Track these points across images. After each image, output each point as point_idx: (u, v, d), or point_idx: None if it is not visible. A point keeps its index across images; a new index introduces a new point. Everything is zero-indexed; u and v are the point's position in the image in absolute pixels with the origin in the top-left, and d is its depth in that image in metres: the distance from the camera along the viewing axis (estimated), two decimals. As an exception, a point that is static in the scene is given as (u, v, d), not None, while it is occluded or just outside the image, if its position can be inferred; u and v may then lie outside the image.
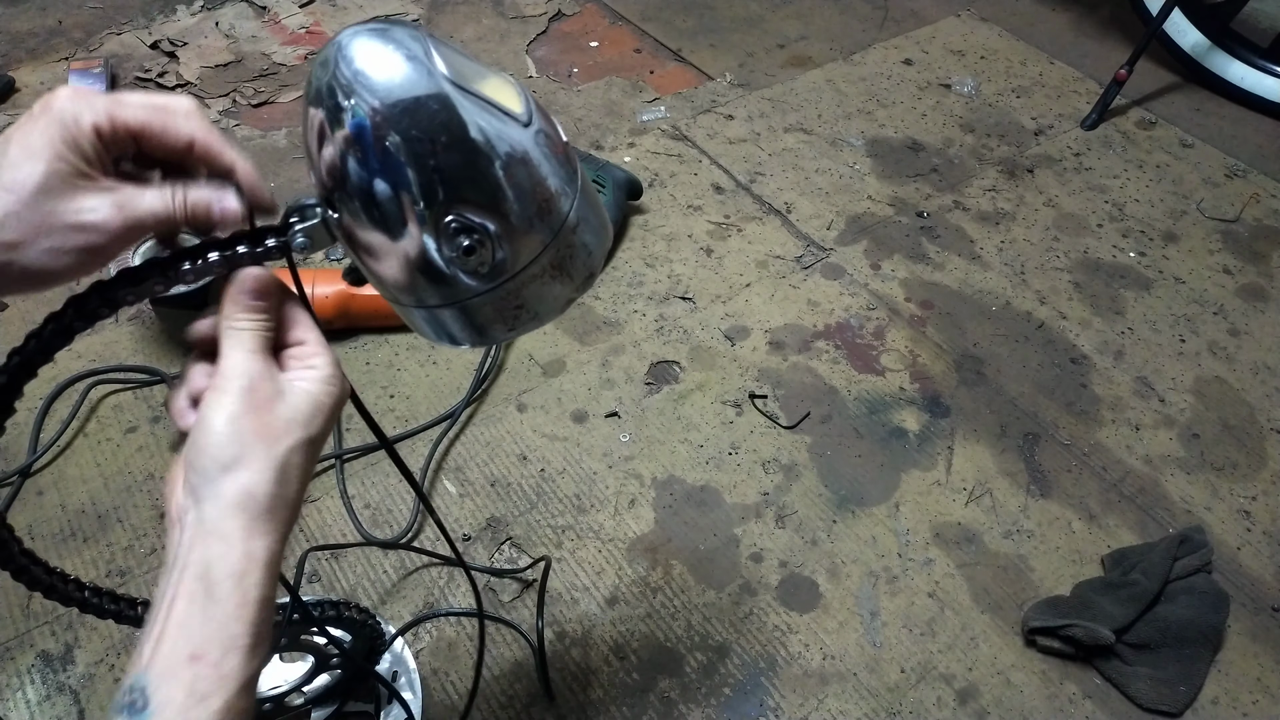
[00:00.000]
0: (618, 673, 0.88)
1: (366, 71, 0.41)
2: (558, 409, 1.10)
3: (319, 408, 0.44)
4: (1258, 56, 1.63)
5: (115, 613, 0.60)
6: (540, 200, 0.45)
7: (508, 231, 0.44)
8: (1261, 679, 0.90)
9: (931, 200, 1.43)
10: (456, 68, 0.43)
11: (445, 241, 0.43)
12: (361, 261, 0.47)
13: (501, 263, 0.45)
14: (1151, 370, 1.19)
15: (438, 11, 1.78)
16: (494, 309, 0.47)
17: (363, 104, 0.41)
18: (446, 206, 0.43)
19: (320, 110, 0.42)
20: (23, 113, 0.45)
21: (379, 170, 0.42)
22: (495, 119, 0.43)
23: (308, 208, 0.45)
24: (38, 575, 0.54)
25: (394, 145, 0.41)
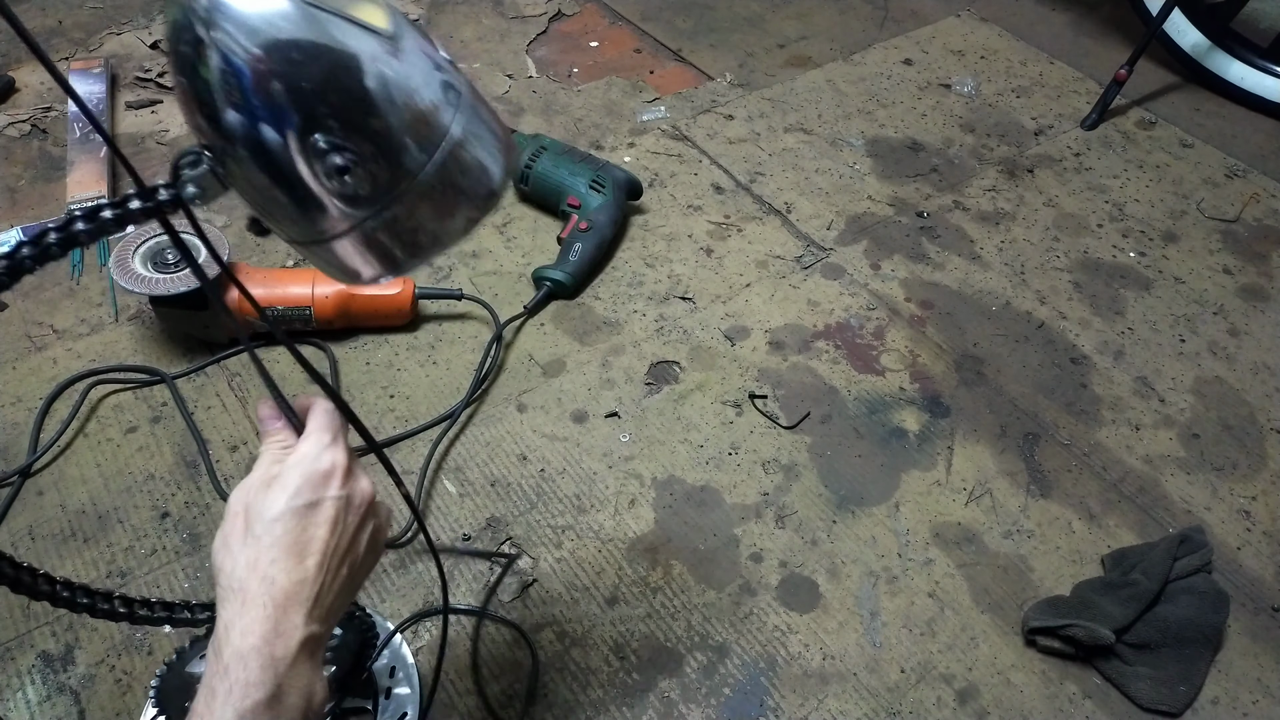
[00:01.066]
0: (618, 673, 0.88)
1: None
2: (558, 409, 1.10)
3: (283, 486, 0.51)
4: (1258, 56, 1.63)
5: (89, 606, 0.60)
6: (412, 113, 0.44)
7: (381, 148, 0.43)
8: (1262, 679, 0.90)
9: (931, 200, 1.43)
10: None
11: (318, 164, 0.43)
12: (256, 207, 0.46)
13: (381, 183, 0.44)
14: (1151, 370, 1.19)
15: (438, 11, 1.78)
16: (390, 234, 0.47)
17: (223, 32, 0.40)
18: (311, 126, 0.42)
19: (179, 47, 0.41)
20: (23, 113, 0.45)
21: (239, 100, 0.41)
22: (354, 33, 0.42)
23: (193, 154, 0.44)
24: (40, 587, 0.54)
25: (250, 69, 0.40)
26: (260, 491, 0.51)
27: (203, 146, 0.44)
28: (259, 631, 0.47)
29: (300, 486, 0.51)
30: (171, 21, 0.42)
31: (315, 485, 0.51)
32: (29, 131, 1.44)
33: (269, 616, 0.47)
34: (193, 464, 1.02)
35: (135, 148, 1.42)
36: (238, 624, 0.47)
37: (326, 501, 0.51)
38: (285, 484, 0.51)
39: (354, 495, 0.53)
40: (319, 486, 0.51)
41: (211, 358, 1.12)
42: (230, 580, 0.48)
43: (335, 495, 0.52)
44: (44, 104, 1.48)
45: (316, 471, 0.52)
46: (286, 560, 0.49)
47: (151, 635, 0.88)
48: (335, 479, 0.52)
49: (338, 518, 0.52)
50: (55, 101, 1.49)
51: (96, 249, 1.25)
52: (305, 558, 0.50)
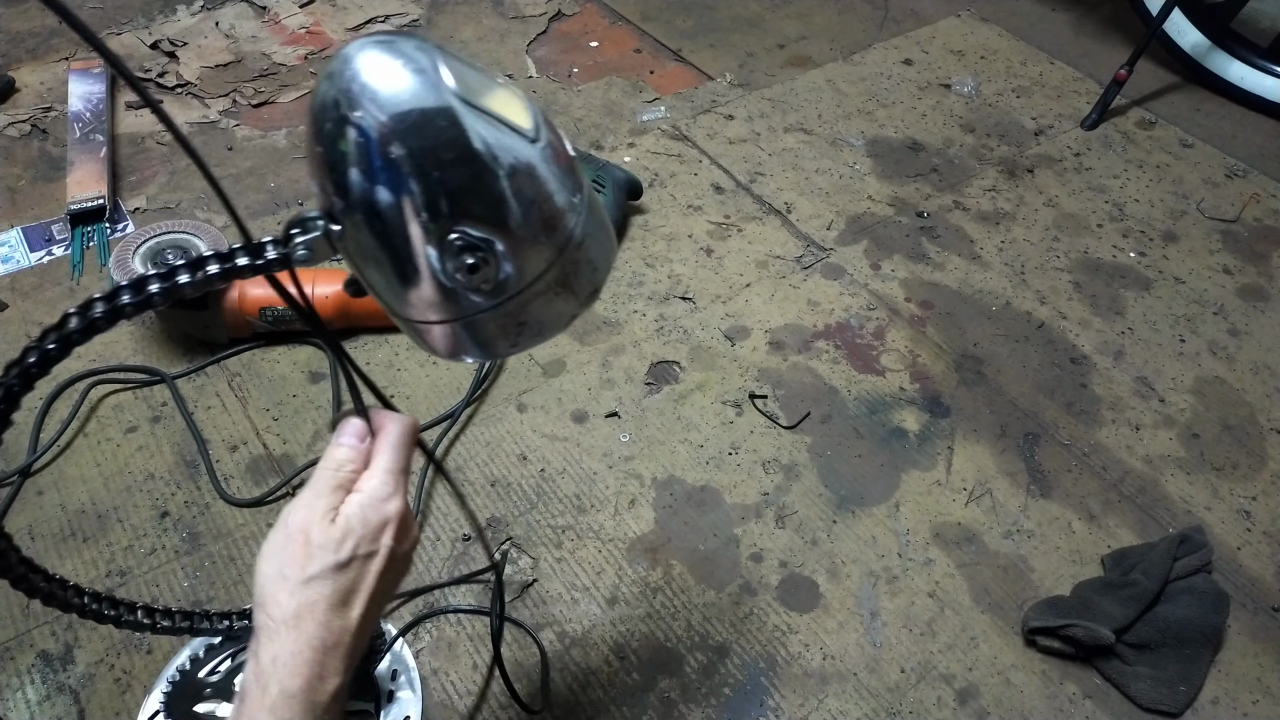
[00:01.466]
0: (618, 673, 0.88)
1: (373, 85, 0.40)
2: (558, 409, 1.10)
3: (348, 532, 0.50)
4: (1258, 56, 1.63)
5: (115, 618, 0.60)
6: (546, 217, 0.44)
7: (512, 249, 0.44)
8: (1261, 679, 0.90)
9: (931, 200, 1.43)
10: (465, 81, 0.42)
11: (449, 259, 0.43)
12: (363, 275, 0.47)
13: (506, 280, 0.44)
14: (1151, 370, 1.19)
15: (438, 11, 1.78)
16: (497, 326, 0.47)
17: (369, 117, 0.40)
18: (451, 223, 0.42)
19: (326, 122, 0.41)
20: (23, 113, 0.46)
21: (383, 184, 0.41)
22: (502, 134, 0.42)
23: (310, 220, 0.44)
24: (36, 583, 0.54)
25: (399, 159, 0.41)
26: (323, 523, 0.50)
27: (326, 212, 0.44)
28: (305, 675, 0.47)
29: (364, 536, 0.50)
30: (320, 97, 0.42)
31: (375, 534, 0.51)
32: (29, 131, 1.44)
33: (316, 661, 0.48)
34: (192, 464, 1.02)
35: (135, 148, 1.42)
36: (287, 662, 0.47)
37: (381, 552, 0.51)
38: (350, 526, 0.50)
39: (403, 542, 0.53)
40: (378, 535, 0.51)
41: (211, 358, 1.12)
42: (283, 613, 0.48)
43: (389, 546, 0.52)
44: (44, 104, 1.48)
45: (380, 520, 0.51)
46: (339, 608, 0.49)
47: (151, 636, 0.88)
48: (392, 528, 0.52)
49: (387, 569, 0.52)
50: (55, 101, 1.49)
51: (97, 249, 1.25)
52: (351, 607, 0.50)
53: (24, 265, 1.23)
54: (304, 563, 0.48)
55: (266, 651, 0.47)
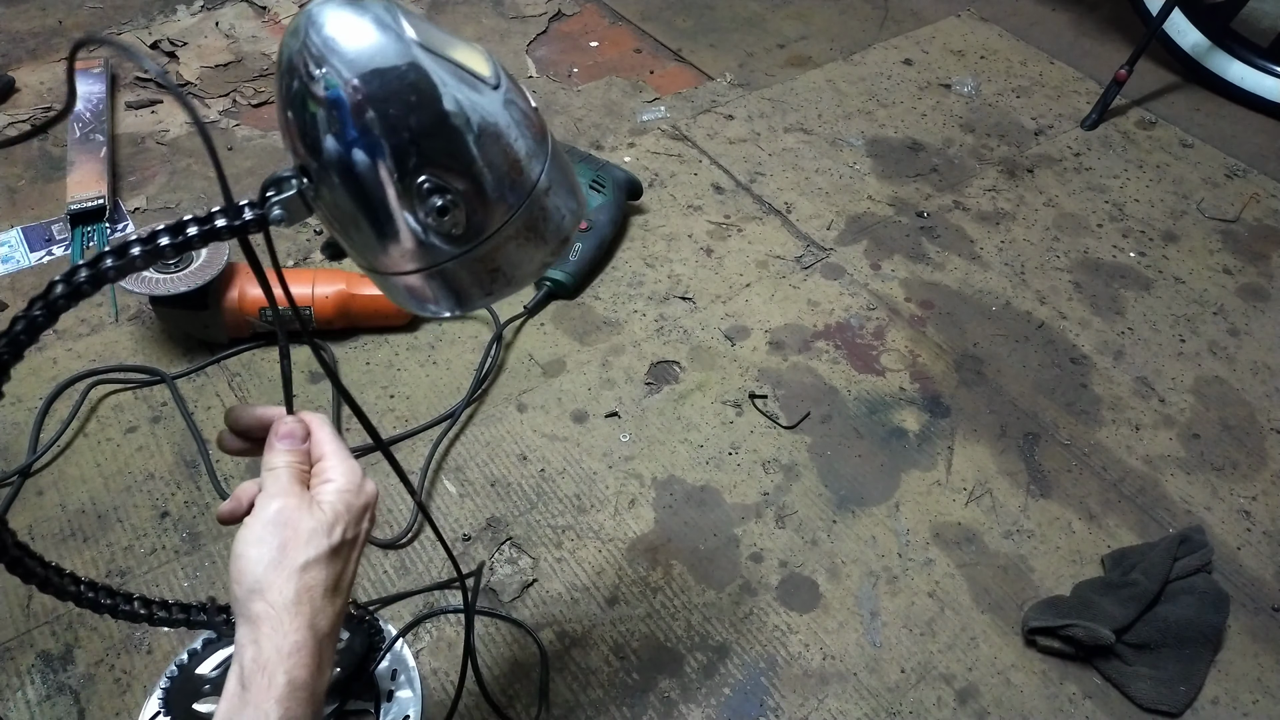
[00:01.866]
0: (618, 673, 0.88)
1: (337, 38, 0.42)
2: (558, 409, 1.10)
3: (337, 517, 0.50)
4: (1258, 56, 1.63)
5: (111, 607, 0.60)
6: (510, 161, 0.46)
7: (480, 192, 0.45)
8: (1262, 679, 0.90)
9: (931, 200, 1.43)
10: (425, 34, 0.43)
11: (419, 204, 0.44)
12: (339, 231, 0.47)
13: (476, 225, 0.46)
14: (1151, 370, 1.19)
15: (438, 11, 1.78)
16: (470, 273, 0.48)
17: (334, 71, 0.41)
18: (419, 168, 0.43)
19: (292, 79, 0.43)
20: (23, 113, 0.46)
21: (352, 136, 0.42)
22: (465, 83, 0.44)
23: (283, 180, 0.45)
24: (32, 569, 0.54)
25: (364, 109, 0.42)
26: (312, 510, 0.50)
27: (298, 170, 0.45)
28: (311, 665, 0.47)
29: (350, 520, 0.51)
30: (285, 56, 0.43)
31: (359, 518, 0.52)
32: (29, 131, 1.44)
33: (319, 650, 0.48)
34: (192, 464, 1.02)
35: (135, 147, 1.42)
36: (292, 652, 0.46)
37: (362, 535, 0.52)
38: (337, 512, 0.51)
39: (371, 530, 0.55)
40: (360, 519, 0.52)
41: (211, 358, 1.12)
42: (284, 600, 0.47)
43: (367, 529, 0.53)
44: (44, 104, 1.48)
45: (363, 504, 0.52)
46: (331, 594, 0.49)
47: (151, 635, 0.88)
48: (371, 511, 0.53)
49: (362, 550, 0.53)
50: (55, 102, 1.49)
51: (96, 249, 1.25)
52: (340, 593, 0.50)
53: (24, 265, 1.23)
54: (300, 548, 0.48)
55: (270, 641, 0.46)
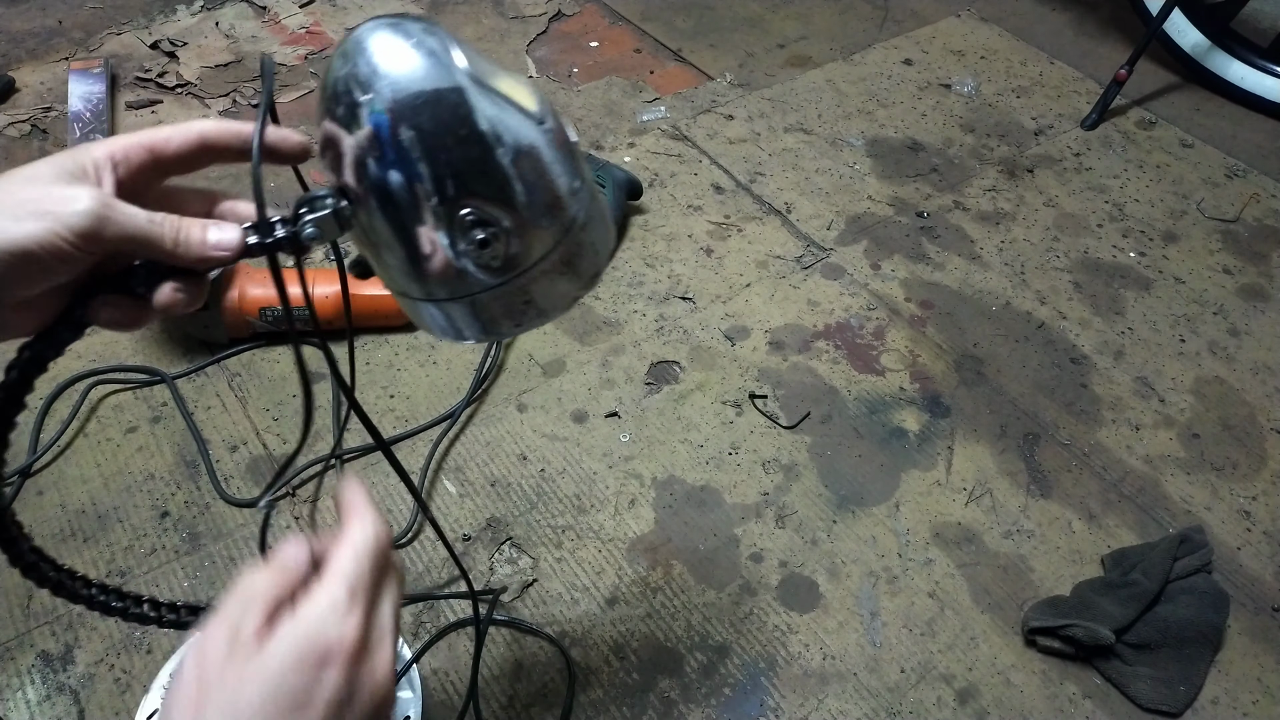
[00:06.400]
0: (618, 673, 0.88)
1: (385, 65, 0.41)
2: (558, 409, 1.10)
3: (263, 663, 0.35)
4: (1258, 56, 1.63)
5: (121, 610, 0.59)
6: (552, 197, 0.45)
7: (521, 226, 0.45)
8: (1262, 679, 0.90)
9: (931, 200, 1.43)
10: (475, 65, 0.43)
11: (460, 235, 0.44)
12: (371, 254, 0.47)
13: (514, 257, 0.45)
14: (1151, 370, 1.19)
15: (438, 11, 1.78)
16: (503, 305, 0.48)
17: (380, 97, 0.41)
18: (462, 199, 0.43)
19: (337, 104, 0.42)
20: (23, 113, 0.45)
21: (396, 163, 0.42)
22: (511, 115, 0.43)
23: (318, 199, 0.44)
24: (45, 572, 0.53)
25: (411, 138, 0.41)
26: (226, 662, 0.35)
27: (336, 191, 0.44)
28: None
29: (289, 667, 0.35)
30: (331, 79, 0.43)
31: (310, 666, 0.35)
32: (29, 131, 1.44)
33: None
34: (192, 464, 1.02)
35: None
36: None
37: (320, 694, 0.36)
38: (267, 659, 0.35)
39: (360, 686, 0.37)
40: (314, 668, 0.36)
41: (211, 358, 1.12)
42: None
43: (334, 685, 0.36)
44: (44, 104, 1.48)
45: (318, 645, 0.36)
46: None
47: (151, 635, 0.88)
48: (338, 660, 0.36)
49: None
50: (55, 101, 1.49)
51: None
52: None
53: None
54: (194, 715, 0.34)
55: None
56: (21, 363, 0.43)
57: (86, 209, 0.38)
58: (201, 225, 0.42)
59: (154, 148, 0.42)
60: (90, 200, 0.38)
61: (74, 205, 0.38)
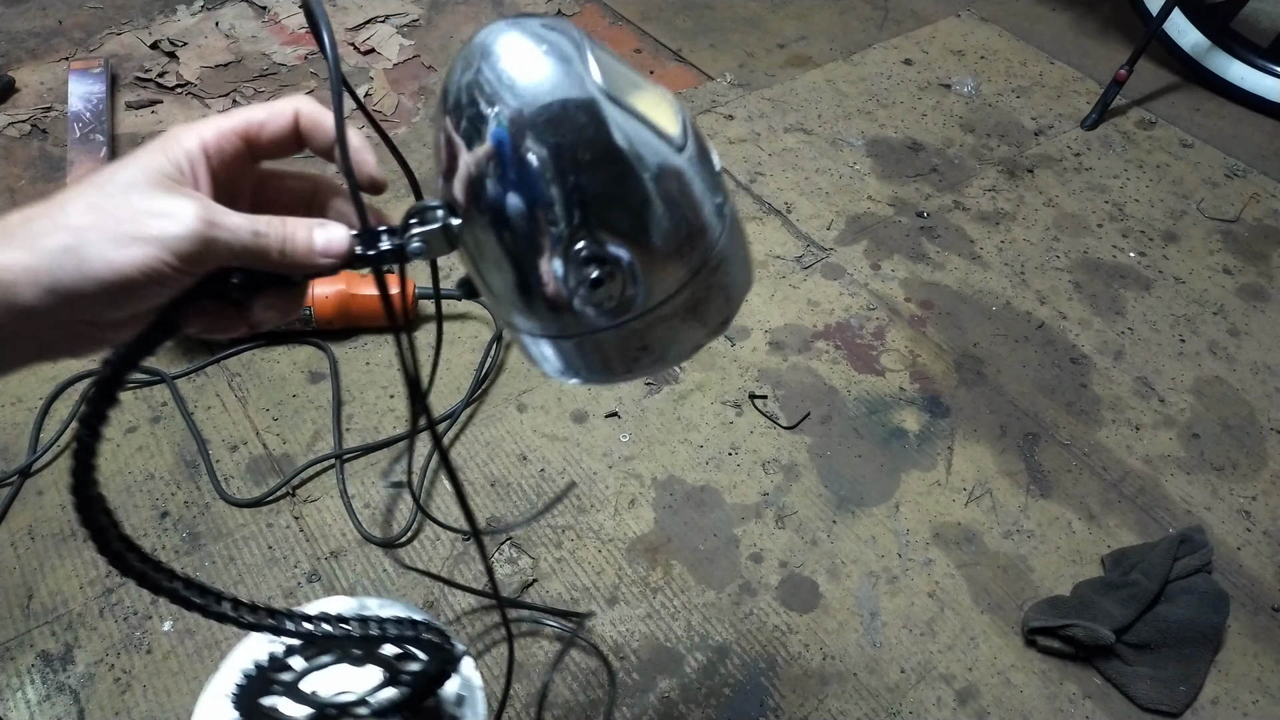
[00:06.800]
0: (618, 673, 0.88)
1: (512, 74, 0.37)
2: (558, 409, 1.10)
3: None
4: (1258, 56, 1.63)
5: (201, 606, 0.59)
6: (685, 234, 0.40)
7: (644, 265, 0.40)
8: (1262, 679, 0.90)
9: (931, 200, 1.43)
10: (612, 77, 0.39)
11: (572, 269, 0.39)
12: (479, 277, 0.43)
13: (630, 299, 0.40)
14: (1151, 370, 1.19)
15: (438, 11, 1.78)
16: (614, 347, 0.43)
17: (505, 110, 0.37)
18: (581, 231, 0.38)
19: (457, 113, 0.38)
20: (23, 113, 0.44)
21: (514, 183, 0.38)
22: (648, 138, 0.39)
23: (429, 210, 0.41)
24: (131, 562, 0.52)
25: (535, 157, 0.37)
26: None
27: (447, 205, 0.40)
28: None
29: None
30: (453, 87, 0.39)
31: None
32: (29, 131, 1.44)
33: None
34: (192, 464, 1.02)
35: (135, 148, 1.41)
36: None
37: None
38: None
39: None
40: None
41: (211, 358, 1.12)
42: None
43: None
44: (44, 104, 1.48)
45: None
46: None
47: (151, 635, 0.88)
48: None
49: None
50: (55, 102, 1.49)
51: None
52: None
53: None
54: None
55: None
56: (114, 360, 0.41)
57: (191, 231, 0.35)
58: (306, 228, 0.39)
59: (247, 135, 0.40)
60: (194, 219, 0.35)
61: (177, 227, 0.35)
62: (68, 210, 0.35)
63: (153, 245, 0.35)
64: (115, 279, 0.34)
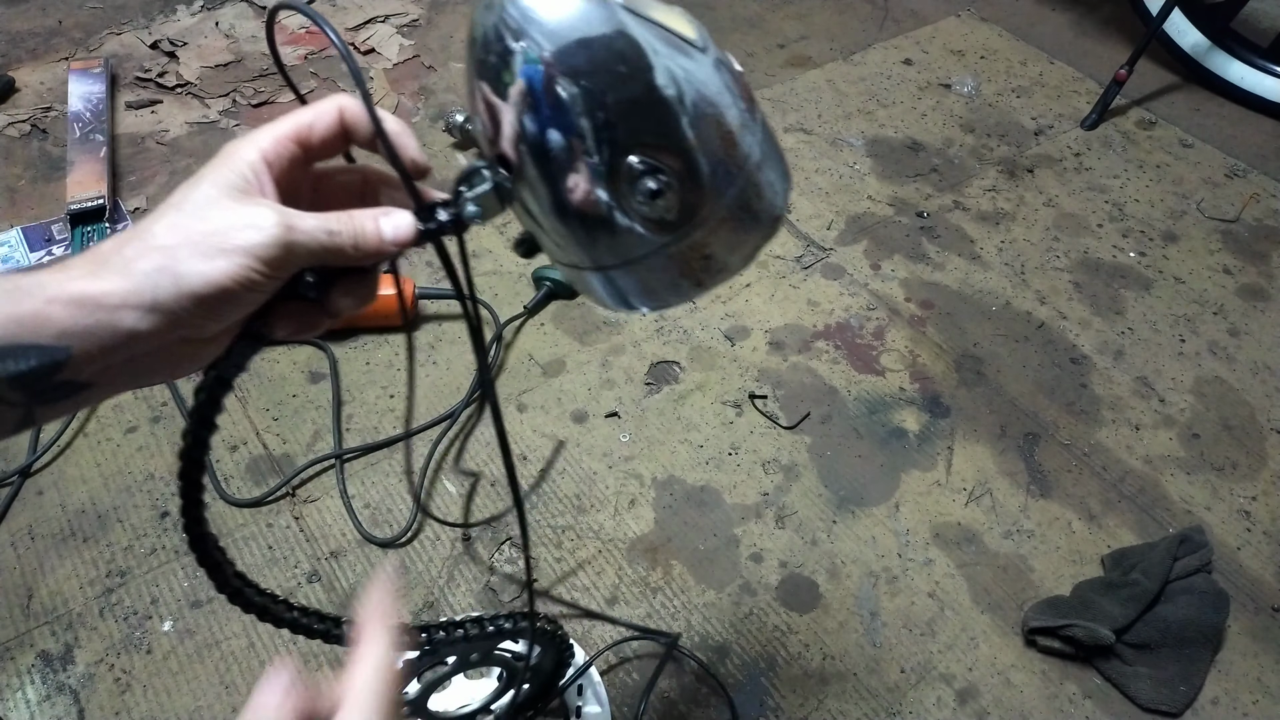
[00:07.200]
0: (618, 673, 0.88)
1: (534, 7, 0.37)
2: (558, 409, 1.10)
3: None
4: (1257, 56, 1.63)
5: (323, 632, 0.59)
6: (723, 134, 0.41)
7: (693, 170, 0.40)
8: (1261, 679, 0.90)
9: (931, 200, 1.43)
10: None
11: (629, 187, 0.39)
12: (536, 226, 0.43)
13: (688, 207, 0.41)
14: (1151, 370, 1.19)
15: (438, 11, 1.78)
16: (680, 263, 0.43)
17: (534, 44, 0.37)
18: (630, 147, 0.39)
19: (486, 57, 0.39)
20: (22, 113, 0.44)
21: (554, 114, 0.38)
22: (674, 49, 0.39)
23: (475, 172, 0.41)
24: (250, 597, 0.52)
25: (569, 84, 0.37)
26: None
27: (496, 159, 0.41)
28: None
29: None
30: (479, 32, 0.39)
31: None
32: (29, 131, 1.44)
33: None
34: (192, 464, 1.01)
35: (135, 148, 1.42)
36: None
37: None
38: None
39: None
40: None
41: (211, 358, 1.12)
42: None
43: None
44: (44, 104, 1.48)
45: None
46: None
47: (151, 635, 0.88)
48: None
49: None
50: (55, 101, 1.49)
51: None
52: None
53: (23, 265, 1.23)
54: None
55: None
56: (209, 384, 0.42)
57: (274, 238, 0.37)
58: (373, 219, 0.40)
59: (299, 137, 0.41)
60: (274, 227, 0.37)
61: (259, 235, 0.37)
62: (154, 233, 0.37)
63: (241, 255, 0.36)
64: (211, 291, 0.36)
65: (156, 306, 0.35)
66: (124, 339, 0.35)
